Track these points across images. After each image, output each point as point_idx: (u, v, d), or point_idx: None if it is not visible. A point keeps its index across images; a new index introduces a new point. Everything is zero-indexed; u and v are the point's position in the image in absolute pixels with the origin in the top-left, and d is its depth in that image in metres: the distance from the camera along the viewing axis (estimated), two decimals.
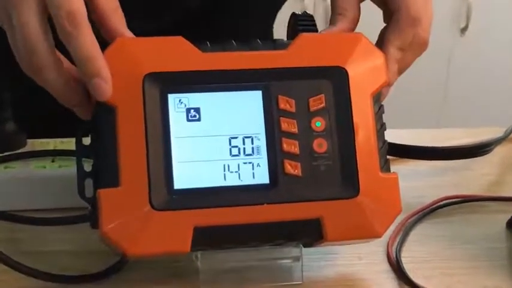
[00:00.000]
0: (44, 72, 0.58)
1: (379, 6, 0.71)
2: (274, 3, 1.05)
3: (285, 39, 0.65)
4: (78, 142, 0.60)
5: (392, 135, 0.74)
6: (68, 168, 0.72)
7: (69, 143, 0.65)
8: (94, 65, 0.58)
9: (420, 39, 0.66)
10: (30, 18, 0.57)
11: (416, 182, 0.81)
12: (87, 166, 0.60)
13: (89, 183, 0.59)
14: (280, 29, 0.68)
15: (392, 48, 0.65)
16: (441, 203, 0.76)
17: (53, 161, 0.76)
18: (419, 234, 0.71)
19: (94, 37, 0.58)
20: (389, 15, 0.68)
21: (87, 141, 0.60)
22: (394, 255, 0.66)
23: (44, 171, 0.74)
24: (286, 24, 0.68)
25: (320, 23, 0.67)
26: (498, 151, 0.88)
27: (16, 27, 0.58)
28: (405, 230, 0.71)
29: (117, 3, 0.62)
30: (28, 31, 0.57)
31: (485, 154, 0.86)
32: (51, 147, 0.78)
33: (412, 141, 0.85)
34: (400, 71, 0.67)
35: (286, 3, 0.98)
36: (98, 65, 0.58)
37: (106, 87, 0.58)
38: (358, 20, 0.67)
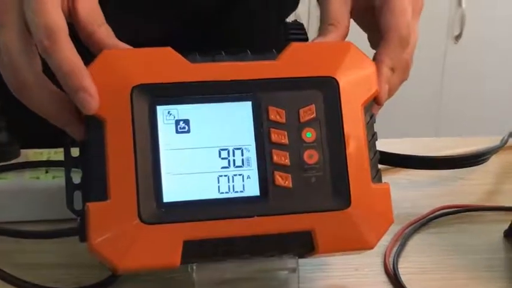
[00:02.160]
0: (28, 89, 0.59)
1: (364, 30, 0.72)
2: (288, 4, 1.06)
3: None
4: (67, 154, 0.61)
5: (386, 145, 0.74)
6: (62, 179, 0.72)
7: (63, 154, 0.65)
8: (76, 79, 0.58)
9: (405, 62, 0.67)
10: (12, 37, 0.59)
11: (412, 192, 0.81)
12: (77, 178, 0.60)
13: (78, 194, 0.60)
14: None
15: (385, 68, 0.65)
16: (438, 213, 0.76)
17: (46, 172, 0.76)
18: (417, 245, 0.71)
19: (75, 51, 0.58)
20: (376, 40, 0.68)
21: (76, 151, 0.61)
22: (391, 266, 0.67)
23: (37, 182, 0.74)
24: None
25: (315, 31, 0.67)
26: (494, 160, 0.88)
27: (0, 45, 0.59)
28: (402, 241, 0.71)
29: (102, 19, 0.63)
30: (10, 49, 0.58)
31: (482, 163, 0.86)
32: (44, 158, 0.78)
33: (407, 150, 0.84)
34: (390, 93, 0.67)
35: None
36: (80, 78, 0.58)
37: (91, 100, 0.58)
38: (348, 31, 0.68)
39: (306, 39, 0.66)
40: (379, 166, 0.64)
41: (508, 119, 0.76)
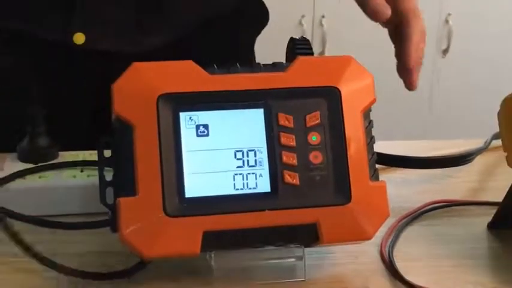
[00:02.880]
0: None
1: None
2: (257, 25, 1.06)
3: (284, 61, 0.65)
4: (100, 154, 0.61)
5: (383, 147, 0.74)
6: (96, 177, 0.72)
7: (96, 155, 0.65)
8: None
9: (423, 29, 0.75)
10: None
11: (405, 188, 0.80)
12: (109, 176, 0.60)
13: (110, 190, 0.60)
14: (282, 51, 0.68)
15: (416, 34, 0.73)
16: (428, 207, 0.76)
17: (82, 171, 0.76)
18: (409, 236, 0.71)
19: None
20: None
21: (108, 153, 0.61)
22: (387, 255, 0.66)
23: (74, 180, 0.75)
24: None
25: (317, 47, 0.67)
26: (479, 160, 0.87)
27: None
28: (396, 232, 0.71)
29: None
30: None
31: (467, 163, 0.85)
32: (80, 159, 0.78)
33: (401, 152, 0.84)
34: (419, 65, 0.74)
35: (286, 28, 0.98)
36: None
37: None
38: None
39: (312, 54, 0.66)
40: (377, 166, 0.64)
41: (491, 124, 0.76)
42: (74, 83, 0.91)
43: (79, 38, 0.87)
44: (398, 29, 0.75)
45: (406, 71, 0.74)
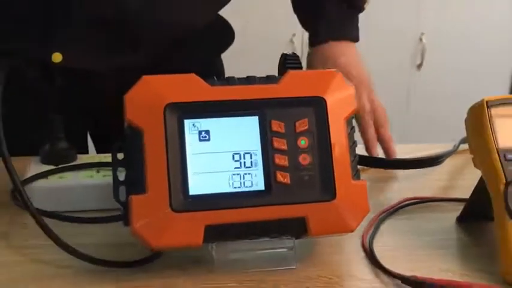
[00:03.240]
0: None
1: None
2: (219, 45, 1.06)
3: (277, 74, 0.65)
4: (114, 157, 0.61)
5: (363, 150, 0.74)
6: (110, 177, 0.72)
7: (111, 158, 0.65)
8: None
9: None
10: None
11: (384, 187, 0.80)
12: (122, 176, 0.60)
13: (122, 189, 0.60)
14: (274, 65, 0.68)
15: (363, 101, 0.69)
16: (404, 203, 0.76)
17: (97, 172, 0.76)
18: (387, 229, 0.71)
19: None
20: None
21: (121, 156, 0.61)
22: (368, 245, 0.67)
23: (90, 180, 0.75)
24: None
25: (306, 62, 0.67)
26: (449, 162, 0.87)
27: None
28: (376, 225, 0.71)
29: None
30: None
31: (439, 164, 0.86)
32: (96, 161, 0.79)
33: (380, 154, 0.85)
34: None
35: (279, 45, 0.98)
36: None
37: None
38: None
39: (301, 68, 0.66)
40: (358, 167, 0.64)
41: (459, 130, 0.76)
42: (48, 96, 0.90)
43: (57, 57, 0.86)
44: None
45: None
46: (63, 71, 0.88)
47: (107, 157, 0.77)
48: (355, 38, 1.00)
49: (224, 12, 0.99)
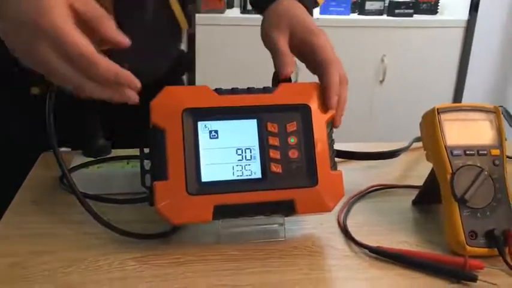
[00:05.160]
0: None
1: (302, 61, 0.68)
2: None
3: (271, 85, 0.65)
4: (141, 151, 0.61)
5: (341, 146, 0.74)
6: (138, 167, 0.71)
7: (139, 152, 0.64)
8: (121, 76, 0.52)
9: (343, 75, 0.65)
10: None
11: (355, 175, 0.80)
12: (147, 166, 0.60)
13: (148, 177, 0.60)
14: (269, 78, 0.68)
15: (334, 81, 0.62)
16: (370, 189, 0.76)
17: (127, 163, 0.76)
18: (358, 209, 0.71)
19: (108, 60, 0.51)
20: (313, 67, 0.65)
21: (147, 150, 0.60)
22: (342, 222, 0.67)
23: (122, 169, 0.74)
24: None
25: (293, 76, 0.67)
26: (404, 156, 0.87)
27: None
28: (349, 206, 0.71)
29: (103, 12, 0.53)
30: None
31: (396, 157, 0.85)
32: (127, 154, 0.78)
33: (352, 149, 0.84)
34: (341, 105, 0.63)
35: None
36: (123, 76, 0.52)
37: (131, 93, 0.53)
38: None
39: (290, 81, 0.65)
40: (336, 159, 0.64)
41: (413, 131, 0.76)
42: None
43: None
44: (320, 78, 0.64)
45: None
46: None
47: (135, 151, 0.78)
48: (308, 4, 0.73)
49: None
